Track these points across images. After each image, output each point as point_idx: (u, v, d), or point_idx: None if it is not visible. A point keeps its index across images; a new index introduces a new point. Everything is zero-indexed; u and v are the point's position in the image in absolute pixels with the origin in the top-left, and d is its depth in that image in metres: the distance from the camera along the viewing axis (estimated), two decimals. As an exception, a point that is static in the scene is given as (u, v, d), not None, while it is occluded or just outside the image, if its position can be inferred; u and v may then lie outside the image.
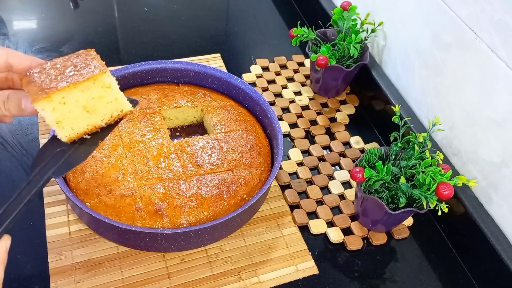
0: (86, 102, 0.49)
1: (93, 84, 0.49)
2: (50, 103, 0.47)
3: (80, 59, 0.51)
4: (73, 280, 0.69)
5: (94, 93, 0.49)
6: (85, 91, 0.49)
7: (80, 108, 0.49)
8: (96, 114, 0.51)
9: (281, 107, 1.00)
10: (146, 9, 1.21)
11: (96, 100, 0.50)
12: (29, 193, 0.49)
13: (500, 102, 0.70)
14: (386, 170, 0.71)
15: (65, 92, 0.48)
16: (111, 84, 0.50)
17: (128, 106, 0.53)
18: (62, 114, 0.49)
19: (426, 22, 0.84)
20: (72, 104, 0.49)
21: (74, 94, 0.48)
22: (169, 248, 0.72)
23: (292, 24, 1.12)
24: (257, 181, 0.78)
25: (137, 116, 0.82)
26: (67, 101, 0.48)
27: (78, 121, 0.50)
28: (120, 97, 0.52)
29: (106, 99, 0.50)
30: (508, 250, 0.71)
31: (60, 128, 0.50)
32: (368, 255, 0.78)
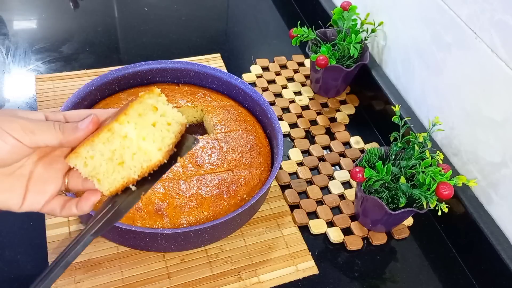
0: (111, 154, 0.47)
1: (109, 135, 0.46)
2: (78, 158, 0.47)
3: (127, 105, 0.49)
4: (73, 280, 0.69)
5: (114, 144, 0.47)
6: (106, 143, 0.47)
7: (106, 159, 0.48)
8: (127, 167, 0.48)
9: (281, 107, 1.00)
10: (146, 9, 1.21)
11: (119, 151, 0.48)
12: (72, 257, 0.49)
13: (500, 102, 0.70)
14: (386, 170, 0.71)
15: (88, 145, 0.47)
16: (127, 134, 0.47)
17: (157, 155, 0.48)
18: (93, 168, 0.48)
19: (426, 22, 0.84)
20: (99, 158, 0.47)
21: (96, 146, 0.47)
22: (169, 248, 0.72)
23: (292, 24, 1.12)
24: (257, 181, 0.78)
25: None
26: (94, 154, 0.47)
27: (111, 174, 0.48)
28: (143, 146, 0.48)
29: (131, 150, 0.48)
30: (508, 250, 0.71)
31: (98, 182, 0.49)
32: (368, 255, 0.78)
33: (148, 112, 0.48)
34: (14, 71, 1.00)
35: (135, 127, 0.47)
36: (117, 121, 0.46)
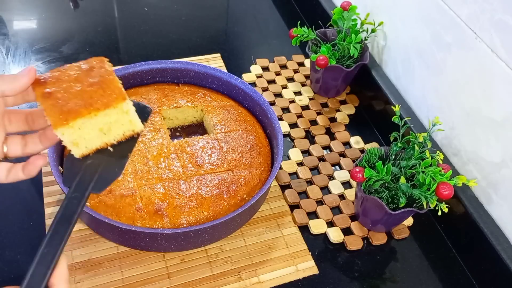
0: (103, 126, 0.50)
1: (113, 111, 0.49)
2: (69, 129, 0.48)
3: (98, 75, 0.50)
4: (73, 280, 0.69)
5: (111, 118, 0.50)
6: (105, 117, 0.49)
7: (96, 131, 0.50)
8: (110, 135, 0.51)
9: (281, 107, 1.00)
10: (146, 9, 1.21)
11: (112, 123, 0.50)
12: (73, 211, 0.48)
13: (500, 102, 0.70)
14: (386, 170, 0.71)
15: (85, 118, 0.48)
16: (129, 110, 0.50)
17: (140, 126, 0.52)
18: (79, 136, 0.49)
19: (426, 22, 0.84)
20: (89, 128, 0.49)
21: (93, 120, 0.48)
22: (169, 248, 0.72)
23: (292, 24, 1.12)
24: (257, 181, 0.78)
25: (137, 116, 0.82)
26: (86, 126, 0.49)
27: (92, 141, 0.51)
28: (134, 119, 0.51)
29: (121, 121, 0.51)
30: (508, 250, 0.71)
31: (75, 147, 0.50)
32: (368, 255, 0.78)
33: None
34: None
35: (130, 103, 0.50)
36: (123, 99, 0.48)
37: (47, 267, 0.45)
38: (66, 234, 0.47)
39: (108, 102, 0.48)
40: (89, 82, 0.49)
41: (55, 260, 0.45)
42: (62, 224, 0.47)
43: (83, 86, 0.49)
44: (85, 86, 0.49)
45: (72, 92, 0.48)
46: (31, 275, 0.44)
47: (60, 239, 0.47)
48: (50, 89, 0.48)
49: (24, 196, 0.79)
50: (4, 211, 0.77)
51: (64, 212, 0.48)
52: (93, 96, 0.48)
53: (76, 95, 0.48)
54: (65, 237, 0.47)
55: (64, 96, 0.48)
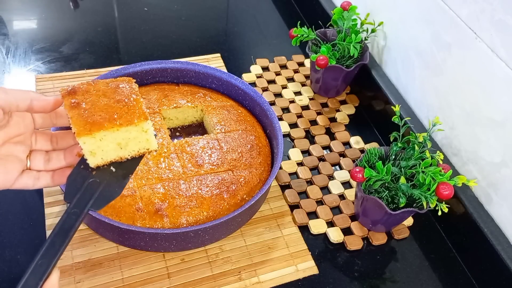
0: (122, 141, 0.54)
1: (134, 128, 0.53)
2: (91, 139, 0.51)
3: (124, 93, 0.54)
4: (73, 280, 0.69)
5: (131, 134, 0.53)
6: (125, 132, 0.53)
7: (115, 144, 0.53)
8: (126, 150, 0.55)
9: (281, 107, 1.00)
10: (146, 9, 1.21)
11: (130, 139, 0.54)
12: (71, 225, 0.50)
13: (500, 102, 0.70)
14: (386, 170, 0.71)
15: (108, 131, 0.51)
16: (148, 130, 0.54)
17: (155, 146, 0.56)
18: (98, 147, 0.53)
19: (426, 22, 0.84)
20: (109, 141, 0.53)
21: (115, 134, 0.52)
22: (169, 248, 0.72)
23: (292, 24, 1.12)
24: (257, 181, 0.78)
25: (137, 116, 0.82)
26: (107, 139, 0.52)
27: (109, 153, 0.54)
28: (151, 138, 0.55)
29: (139, 139, 0.54)
30: (508, 250, 0.71)
31: (92, 157, 0.53)
32: (368, 255, 0.78)
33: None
34: (14, 71, 1.00)
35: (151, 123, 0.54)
36: (145, 119, 0.53)
37: (39, 278, 0.46)
38: (61, 248, 0.49)
39: (131, 120, 0.52)
40: (115, 98, 0.53)
41: (48, 272, 0.47)
42: (59, 237, 0.49)
43: (110, 101, 0.53)
44: (111, 102, 0.53)
45: (99, 106, 0.52)
46: (23, 285, 0.46)
47: (55, 251, 0.49)
48: (78, 100, 0.52)
49: (24, 196, 0.79)
50: (4, 211, 0.77)
51: (62, 225, 0.50)
52: (117, 112, 0.52)
53: (102, 109, 0.52)
54: (60, 250, 0.49)
55: (91, 108, 0.52)
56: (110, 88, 0.54)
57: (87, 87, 0.54)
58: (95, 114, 0.52)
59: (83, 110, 0.52)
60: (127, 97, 0.54)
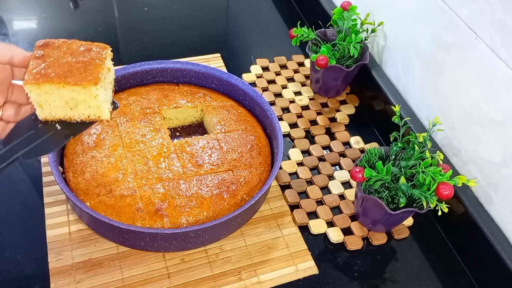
0: (70, 100, 0.55)
1: (82, 90, 0.53)
2: (37, 89, 0.53)
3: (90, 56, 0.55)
4: (73, 280, 0.69)
5: (79, 96, 0.54)
6: (72, 92, 0.53)
7: (63, 102, 0.54)
8: (76, 111, 0.56)
9: (281, 107, 1.00)
10: (146, 9, 1.21)
11: (79, 101, 0.55)
12: None
13: (500, 102, 0.70)
14: (386, 170, 0.71)
15: (54, 86, 0.53)
16: (98, 96, 0.54)
17: (107, 115, 0.57)
18: (46, 100, 0.54)
19: (426, 22, 0.84)
20: (56, 97, 0.54)
21: (61, 90, 0.53)
22: (169, 248, 0.72)
23: (292, 24, 1.12)
24: (257, 181, 0.78)
25: (137, 116, 0.82)
26: (53, 93, 0.53)
27: (58, 110, 0.55)
28: (102, 106, 0.56)
29: (89, 103, 0.55)
30: (508, 250, 0.71)
31: (40, 109, 0.55)
32: (368, 255, 0.78)
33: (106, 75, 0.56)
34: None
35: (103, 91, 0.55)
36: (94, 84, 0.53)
37: None
38: None
39: (80, 81, 0.53)
40: (78, 59, 0.54)
41: None
42: None
43: (72, 60, 0.54)
44: (73, 61, 0.54)
45: (60, 62, 0.54)
46: None
47: None
48: (44, 53, 0.54)
49: (24, 196, 0.79)
50: (4, 211, 0.77)
51: None
52: (72, 71, 0.53)
53: (61, 65, 0.53)
54: None
55: (52, 63, 0.53)
56: (82, 50, 0.55)
57: (61, 44, 0.56)
58: (51, 68, 0.53)
59: (43, 62, 0.53)
60: (90, 60, 0.54)
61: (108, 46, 0.58)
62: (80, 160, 0.75)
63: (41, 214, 0.76)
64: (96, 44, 0.57)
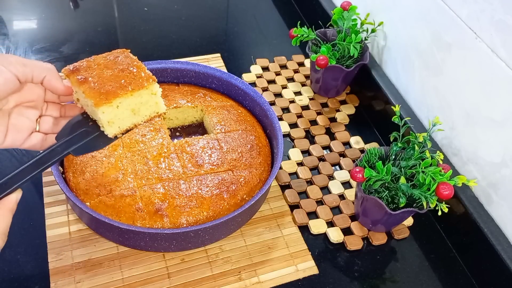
0: (135, 106, 0.56)
1: (145, 91, 0.56)
2: (109, 107, 0.54)
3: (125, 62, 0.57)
4: (73, 280, 0.69)
5: (143, 99, 0.56)
6: (138, 97, 0.56)
7: (129, 111, 0.56)
8: (139, 116, 0.58)
9: (281, 107, 1.00)
10: (146, 9, 1.21)
11: (142, 104, 0.57)
12: (49, 160, 0.54)
13: (500, 102, 0.70)
14: (386, 170, 0.71)
15: (123, 98, 0.54)
16: (157, 92, 0.57)
17: (164, 108, 0.59)
18: (115, 116, 0.55)
19: (426, 22, 0.84)
20: (125, 108, 0.55)
21: (128, 100, 0.55)
22: (169, 248, 0.72)
23: (292, 24, 1.12)
24: (257, 181, 0.78)
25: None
26: (122, 106, 0.55)
27: (125, 121, 0.57)
28: (159, 101, 0.58)
29: (150, 103, 0.57)
30: (508, 250, 0.71)
31: (109, 126, 0.56)
32: (368, 255, 0.78)
33: None
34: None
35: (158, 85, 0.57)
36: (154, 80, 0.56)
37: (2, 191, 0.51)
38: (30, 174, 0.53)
39: (141, 84, 0.55)
40: (119, 68, 0.56)
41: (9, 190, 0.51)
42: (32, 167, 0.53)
43: (114, 72, 0.55)
44: (116, 72, 0.55)
45: (106, 77, 0.55)
46: None
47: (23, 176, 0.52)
48: (84, 75, 0.55)
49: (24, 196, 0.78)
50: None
51: (41, 158, 0.54)
52: (125, 80, 0.55)
53: (110, 80, 0.54)
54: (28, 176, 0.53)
55: (99, 81, 0.54)
56: (110, 61, 0.57)
57: (87, 64, 0.56)
58: (105, 85, 0.54)
59: (92, 83, 0.54)
60: (129, 66, 0.56)
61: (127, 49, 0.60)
62: (80, 160, 0.75)
63: (41, 214, 0.76)
64: (115, 52, 0.59)
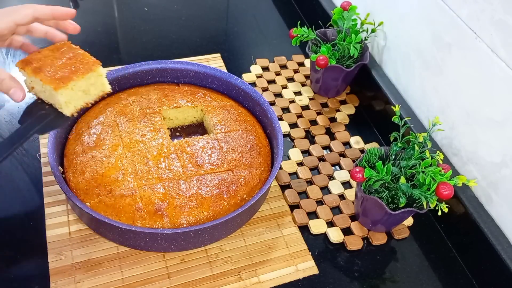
0: (86, 87, 0.66)
1: (93, 74, 0.66)
2: (66, 90, 0.63)
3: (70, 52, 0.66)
4: (73, 280, 0.69)
5: (91, 80, 0.66)
6: (88, 79, 0.65)
7: (81, 92, 0.66)
8: (89, 95, 0.68)
9: (281, 107, 1.00)
10: (146, 9, 1.21)
11: (91, 85, 0.67)
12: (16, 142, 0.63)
13: (500, 102, 0.70)
14: (386, 170, 0.71)
15: (76, 81, 0.64)
16: (102, 73, 0.67)
17: (108, 87, 0.70)
18: (71, 97, 0.65)
19: (426, 22, 0.84)
20: (78, 89, 0.65)
21: (81, 82, 0.65)
22: (169, 248, 0.72)
23: (292, 24, 1.12)
24: (257, 181, 0.78)
25: (137, 116, 0.82)
26: (75, 88, 0.65)
27: (78, 101, 0.67)
28: (105, 81, 0.69)
29: (97, 83, 0.68)
30: (508, 250, 0.71)
31: (66, 107, 0.65)
32: (368, 255, 0.78)
33: None
34: (14, 71, 1.00)
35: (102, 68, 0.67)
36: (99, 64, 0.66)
37: None
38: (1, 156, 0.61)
39: (89, 68, 0.65)
40: (66, 57, 0.65)
41: None
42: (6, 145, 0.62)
43: (64, 61, 0.64)
44: (65, 61, 0.65)
45: (57, 66, 0.64)
46: None
47: None
48: (38, 65, 0.63)
49: (24, 196, 0.79)
50: (4, 211, 0.77)
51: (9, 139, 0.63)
52: (75, 66, 0.64)
53: (61, 67, 0.64)
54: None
55: (52, 69, 0.63)
56: (57, 53, 0.66)
57: (37, 55, 0.65)
58: (58, 71, 0.63)
59: (47, 71, 0.63)
60: (75, 54, 0.66)
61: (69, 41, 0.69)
62: (80, 160, 0.75)
63: (41, 214, 0.76)
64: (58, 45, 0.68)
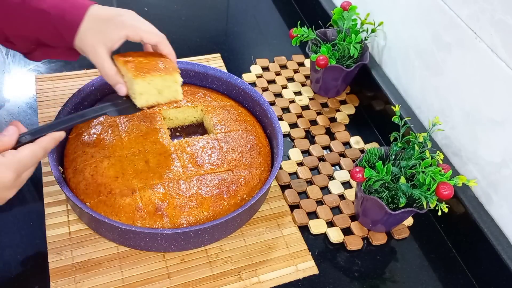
0: (161, 87, 0.72)
1: (170, 78, 0.72)
2: (143, 81, 0.70)
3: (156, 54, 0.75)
4: (73, 280, 0.69)
5: (167, 83, 0.72)
6: (164, 81, 0.72)
7: (156, 90, 0.72)
8: (162, 96, 0.73)
9: (281, 107, 1.00)
10: (146, 9, 1.21)
11: (166, 87, 0.73)
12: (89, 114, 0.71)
13: (500, 102, 0.70)
14: (386, 170, 0.71)
15: (154, 77, 0.70)
16: (178, 81, 0.73)
17: (181, 96, 0.76)
18: (145, 89, 0.71)
19: (426, 22, 0.84)
20: (153, 86, 0.71)
21: (157, 80, 0.71)
22: (169, 248, 0.72)
23: (292, 24, 1.12)
24: (257, 181, 0.78)
25: (137, 116, 0.82)
26: (152, 83, 0.71)
27: (151, 97, 0.73)
28: (179, 89, 0.74)
29: (172, 88, 0.73)
30: (508, 250, 0.71)
31: (139, 98, 0.71)
32: (368, 255, 0.78)
33: None
34: (14, 71, 1.00)
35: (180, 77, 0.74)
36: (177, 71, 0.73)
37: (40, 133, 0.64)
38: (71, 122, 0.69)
39: (168, 71, 0.72)
40: (155, 61, 0.73)
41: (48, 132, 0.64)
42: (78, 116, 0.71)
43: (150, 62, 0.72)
44: (152, 62, 0.72)
45: (144, 63, 0.72)
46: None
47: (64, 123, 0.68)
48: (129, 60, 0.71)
49: (24, 196, 0.79)
50: (4, 211, 0.77)
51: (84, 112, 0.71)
52: (157, 67, 0.72)
53: (147, 66, 0.71)
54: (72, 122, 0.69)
55: (138, 65, 0.71)
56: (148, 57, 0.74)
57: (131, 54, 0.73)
58: (143, 68, 0.71)
59: (133, 65, 0.70)
60: (162, 60, 0.73)
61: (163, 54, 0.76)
62: (80, 160, 0.75)
63: (41, 214, 0.76)
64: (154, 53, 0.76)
